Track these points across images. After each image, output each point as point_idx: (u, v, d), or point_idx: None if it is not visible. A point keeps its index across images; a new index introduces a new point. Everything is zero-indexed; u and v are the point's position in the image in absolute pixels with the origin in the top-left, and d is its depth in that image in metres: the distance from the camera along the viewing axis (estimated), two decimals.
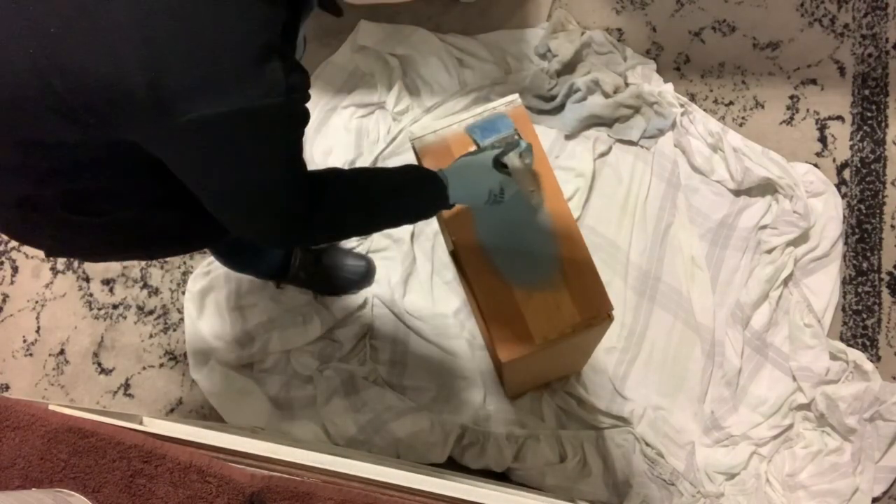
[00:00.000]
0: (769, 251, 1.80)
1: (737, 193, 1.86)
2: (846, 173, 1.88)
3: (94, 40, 0.74)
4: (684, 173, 1.89)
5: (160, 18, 0.73)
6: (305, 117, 0.90)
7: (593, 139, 1.89)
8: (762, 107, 1.93)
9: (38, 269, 1.93)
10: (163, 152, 0.85)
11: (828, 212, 1.83)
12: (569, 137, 1.91)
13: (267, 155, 0.86)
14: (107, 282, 1.91)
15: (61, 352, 1.87)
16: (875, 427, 1.66)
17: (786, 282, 1.78)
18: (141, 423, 1.11)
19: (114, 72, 0.75)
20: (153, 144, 0.84)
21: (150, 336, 1.87)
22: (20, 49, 0.77)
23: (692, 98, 1.94)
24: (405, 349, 1.79)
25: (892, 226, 1.84)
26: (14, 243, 1.96)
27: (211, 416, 1.79)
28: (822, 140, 1.90)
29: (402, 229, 1.84)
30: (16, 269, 1.94)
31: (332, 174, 1.06)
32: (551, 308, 1.32)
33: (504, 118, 1.39)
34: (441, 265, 1.84)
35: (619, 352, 1.77)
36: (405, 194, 1.12)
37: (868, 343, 1.78)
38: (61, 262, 1.93)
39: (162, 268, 1.90)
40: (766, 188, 1.84)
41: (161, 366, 1.85)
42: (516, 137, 1.28)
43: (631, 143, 1.90)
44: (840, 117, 1.92)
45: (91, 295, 1.90)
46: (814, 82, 1.94)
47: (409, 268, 1.83)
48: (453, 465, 1.69)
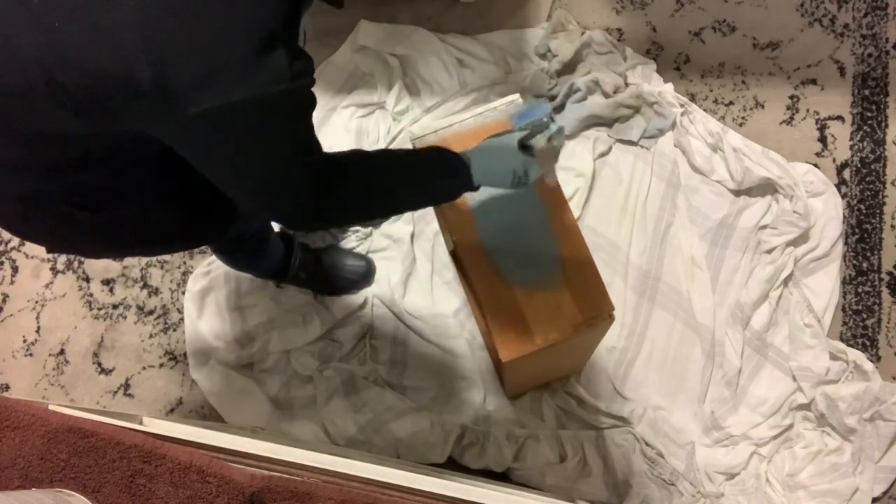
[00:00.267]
0: (769, 251, 1.80)
1: (737, 193, 1.86)
2: (846, 173, 1.88)
3: (99, 34, 0.74)
4: (684, 173, 1.89)
5: (163, 11, 0.73)
6: (313, 102, 0.90)
7: (593, 139, 1.89)
8: (762, 107, 1.93)
9: (38, 269, 1.93)
10: (174, 143, 0.85)
11: (828, 212, 1.83)
12: (569, 137, 1.90)
13: (278, 142, 0.86)
14: (107, 282, 1.91)
15: (61, 352, 1.87)
16: (875, 427, 1.66)
17: (786, 282, 1.78)
18: (141, 423, 1.11)
19: (120, 66, 0.75)
20: (164, 135, 0.84)
21: (150, 336, 1.87)
22: (26, 43, 0.77)
23: (692, 98, 1.94)
24: (405, 349, 1.79)
25: (892, 226, 1.84)
26: (14, 243, 1.96)
27: (211, 416, 1.79)
28: (822, 140, 1.90)
29: (403, 230, 1.85)
30: (16, 269, 1.94)
31: (355, 156, 1.05)
32: (552, 308, 1.32)
33: (543, 105, 1.34)
34: (441, 265, 1.84)
35: (619, 352, 1.77)
36: (428, 176, 1.11)
37: (868, 343, 1.78)
38: (61, 262, 1.93)
39: (162, 268, 1.90)
40: (766, 188, 1.84)
41: (161, 366, 1.85)
42: (545, 120, 1.26)
43: (631, 143, 1.90)
44: (840, 117, 1.92)
45: (91, 295, 1.90)
46: (814, 82, 1.94)
47: (409, 268, 1.83)
48: (453, 465, 1.69)
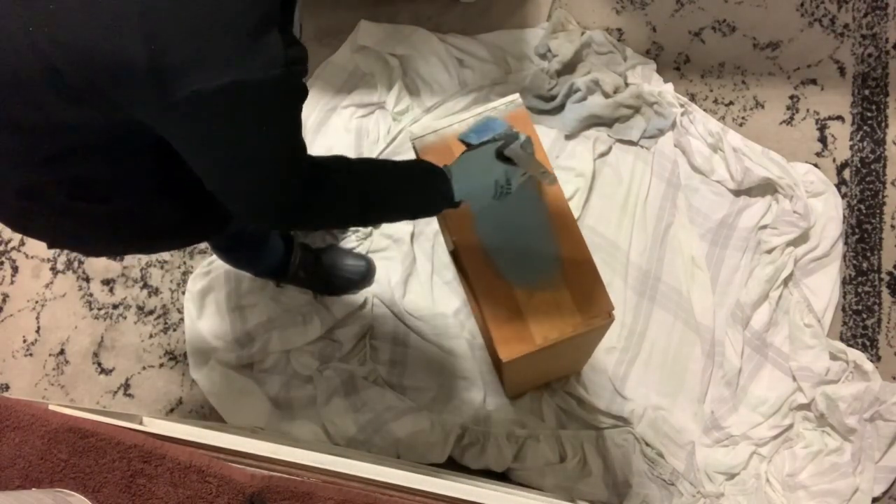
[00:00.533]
0: (769, 251, 1.80)
1: (737, 193, 1.86)
2: (846, 173, 1.88)
3: (93, 16, 0.73)
4: (684, 173, 1.89)
5: None
6: (304, 92, 0.89)
7: (593, 139, 1.89)
8: (762, 107, 1.93)
9: (38, 269, 1.93)
10: (164, 128, 0.84)
11: (828, 212, 1.83)
12: (569, 137, 1.91)
13: (266, 129, 0.84)
14: (107, 282, 1.91)
15: (61, 352, 1.87)
16: (875, 427, 1.66)
17: (786, 282, 1.78)
18: (141, 423, 1.11)
19: (114, 47, 0.74)
20: (155, 121, 0.83)
21: (150, 336, 1.87)
22: (18, 27, 0.76)
23: (692, 98, 1.94)
24: (405, 349, 1.79)
25: (892, 226, 1.84)
26: (14, 243, 1.96)
27: (211, 416, 1.79)
28: (822, 140, 1.90)
29: (403, 230, 1.84)
30: (16, 269, 1.94)
31: (338, 161, 1.04)
32: (552, 308, 1.32)
33: (495, 119, 1.35)
34: (441, 265, 1.84)
35: (619, 352, 1.77)
36: (409, 189, 1.10)
37: (868, 343, 1.78)
38: (61, 262, 1.93)
39: (162, 268, 1.90)
40: (766, 188, 1.84)
41: (161, 366, 1.85)
42: (515, 130, 1.26)
43: (631, 143, 1.90)
44: (840, 117, 1.92)
45: (91, 295, 1.90)
46: (814, 82, 1.94)
47: (409, 268, 1.83)
48: (453, 465, 1.69)
